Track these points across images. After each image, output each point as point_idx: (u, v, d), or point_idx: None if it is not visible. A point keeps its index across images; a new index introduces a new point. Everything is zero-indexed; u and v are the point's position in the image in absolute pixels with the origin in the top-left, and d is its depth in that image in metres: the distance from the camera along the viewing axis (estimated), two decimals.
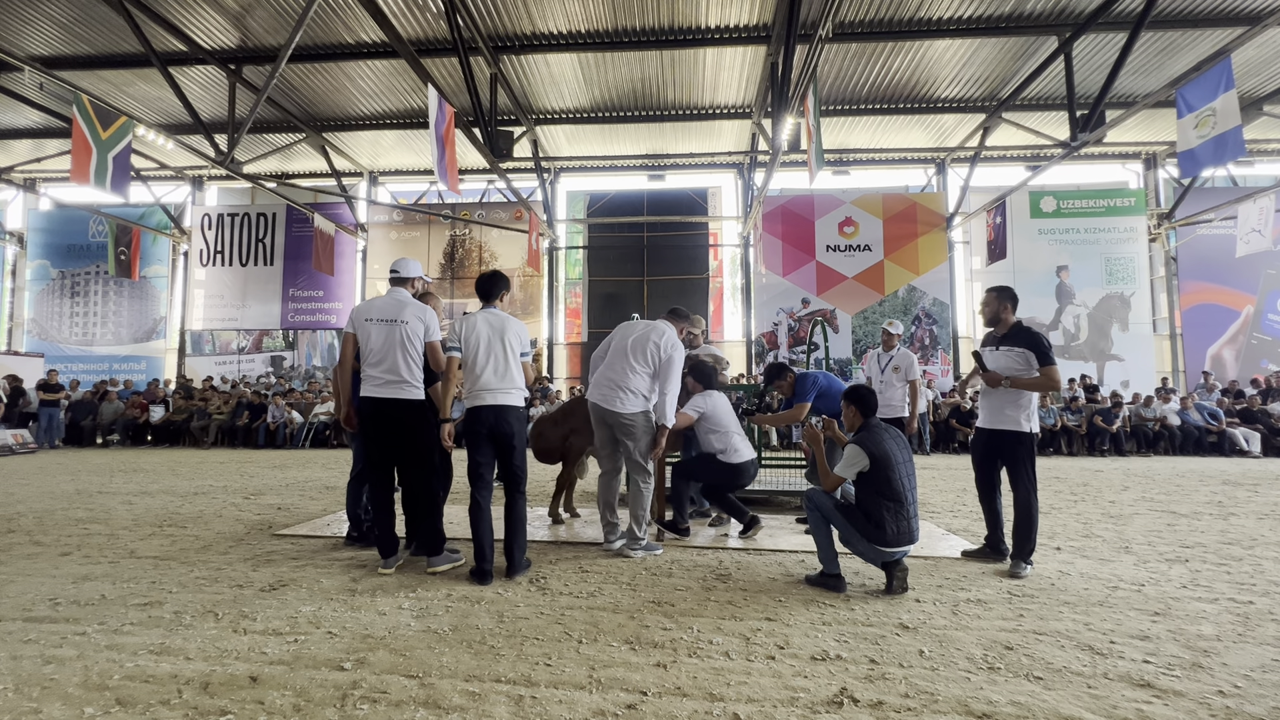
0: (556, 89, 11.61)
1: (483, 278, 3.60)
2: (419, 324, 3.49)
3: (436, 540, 3.51)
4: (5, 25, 9.53)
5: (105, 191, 7.83)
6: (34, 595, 3.05)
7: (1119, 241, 13.79)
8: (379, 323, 3.48)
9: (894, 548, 3.09)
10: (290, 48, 7.84)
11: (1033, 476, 3.60)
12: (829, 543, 3.23)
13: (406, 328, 3.45)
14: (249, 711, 1.94)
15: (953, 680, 2.18)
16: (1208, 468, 9.13)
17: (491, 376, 3.41)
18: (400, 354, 3.43)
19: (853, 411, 3.37)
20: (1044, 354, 3.58)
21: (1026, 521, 3.53)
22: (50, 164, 14.30)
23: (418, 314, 3.51)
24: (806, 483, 6.12)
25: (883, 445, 3.16)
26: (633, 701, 2.01)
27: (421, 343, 3.50)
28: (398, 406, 3.44)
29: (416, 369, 3.47)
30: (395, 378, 3.42)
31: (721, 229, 15.74)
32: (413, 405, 3.47)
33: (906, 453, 3.23)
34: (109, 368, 15.45)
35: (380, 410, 3.44)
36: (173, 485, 6.95)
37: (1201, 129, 7.22)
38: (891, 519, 3.08)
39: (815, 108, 7.93)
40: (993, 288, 3.86)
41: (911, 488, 3.16)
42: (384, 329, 3.46)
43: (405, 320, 3.47)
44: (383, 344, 3.45)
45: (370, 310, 3.54)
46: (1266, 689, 2.12)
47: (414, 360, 3.46)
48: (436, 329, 3.56)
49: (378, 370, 3.44)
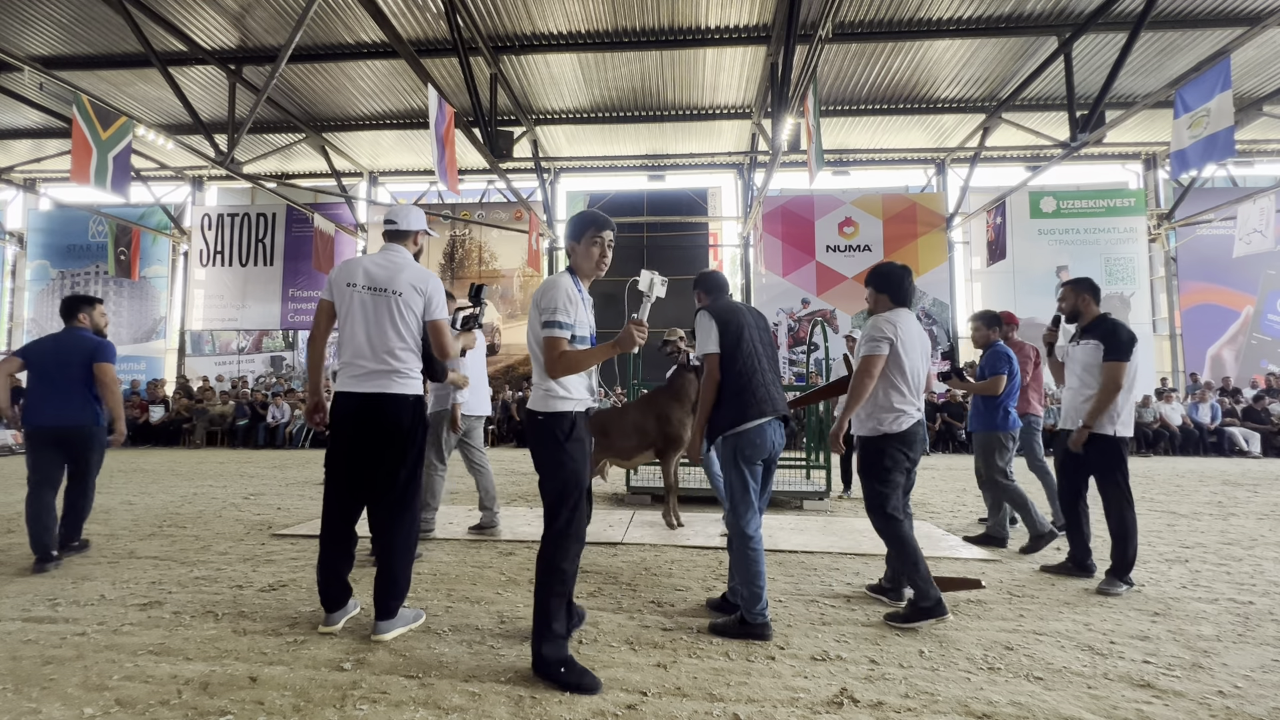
0: (556, 89, 11.61)
1: None
2: (416, 296, 2.67)
3: (401, 594, 2.60)
4: (5, 25, 9.52)
5: (105, 191, 7.83)
6: (34, 595, 3.05)
7: (1119, 242, 13.79)
8: (365, 291, 2.65)
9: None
10: (290, 48, 7.84)
11: (1126, 486, 3.26)
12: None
13: (400, 300, 2.64)
14: (249, 711, 1.94)
15: (953, 680, 2.18)
16: (1208, 468, 9.13)
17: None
18: (392, 334, 2.62)
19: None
20: (1113, 347, 3.25)
21: (1123, 536, 3.22)
22: (50, 164, 14.30)
23: (416, 282, 2.68)
24: (806, 482, 6.12)
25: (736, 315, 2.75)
26: (633, 702, 2.01)
27: (419, 321, 2.69)
28: (387, 405, 2.59)
29: (410, 355, 2.66)
30: (383, 366, 2.60)
31: (721, 229, 15.74)
32: (406, 403, 2.63)
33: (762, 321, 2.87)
34: None
35: (363, 409, 2.60)
36: (173, 485, 6.95)
37: (1195, 129, 7.24)
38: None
39: (815, 108, 7.93)
40: (1069, 280, 3.59)
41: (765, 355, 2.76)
42: (371, 300, 2.64)
43: (399, 290, 2.64)
44: (365, 320, 2.63)
45: (354, 273, 2.67)
46: (1266, 689, 2.12)
47: (407, 344, 2.65)
48: (443, 304, 2.74)
49: (361, 355, 2.61)
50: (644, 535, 4.37)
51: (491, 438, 12.88)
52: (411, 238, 2.86)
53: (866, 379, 2.87)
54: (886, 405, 2.89)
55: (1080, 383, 3.42)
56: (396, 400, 2.61)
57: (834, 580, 3.38)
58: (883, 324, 2.91)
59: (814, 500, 5.65)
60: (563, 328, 2.19)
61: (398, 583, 2.56)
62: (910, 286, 3.00)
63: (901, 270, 3.00)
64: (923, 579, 2.71)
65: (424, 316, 2.70)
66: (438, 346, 2.75)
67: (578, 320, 2.24)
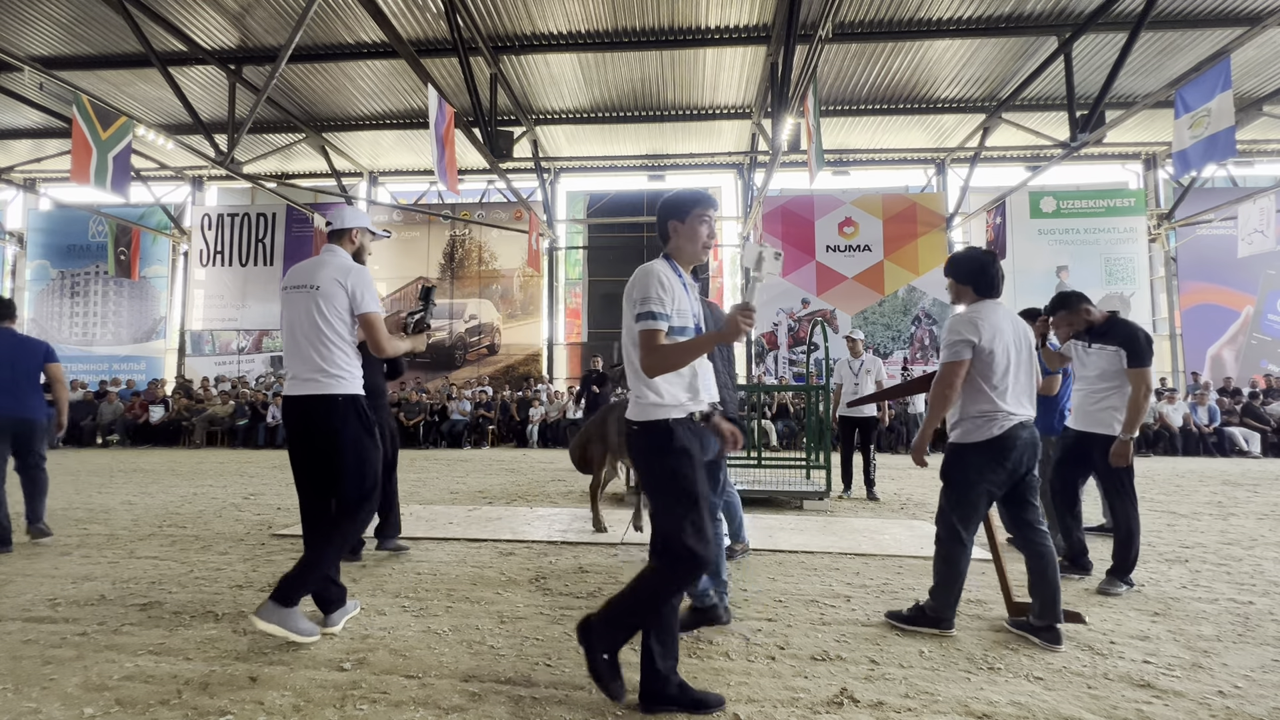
0: (556, 89, 11.61)
1: None
2: (338, 289, 2.57)
3: (305, 586, 2.49)
4: (5, 25, 9.53)
5: (105, 191, 7.83)
6: (34, 595, 3.05)
7: (1119, 242, 13.79)
8: (293, 291, 2.63)
9: None
10: (290, 48, 7.84)
11: (1131, 487, 3.24)
12: None
13: (318, 294, 2.56)
14: (249, 711, 1.94)
15: (953, 680, 2.18)
16: (1208, 468, 9.13)
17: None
18: (314, 332, 2.56)
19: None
20: (1136, 353, 3.18)
21: (1127, 537, 3.20)
22: (50, 164, 14.29)
23: (337, 276, 2.59)
24: (806, 482, 6.12)
25: None
26: (633, 702, 2.01)
27: (345, 316, 2.60)
28: (314, 407, 2.54)
29: (338, 352, 2.57)
30: (310, 366, 2.55)
31: (721, 229, 15.75)
32: (335, 403, 2.54)
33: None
34: (109, 368, 15.45)
35: (293, 413, 2.59)
36: (173, 485, 6.95)
37: (1196, 129, 7.24)
38: None
39: (815, 108, 7.93)
40: (1056, 312, 3.47)
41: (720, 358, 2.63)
42: (295, 299, 2.61)
43: (317, 285, 2.58)
44: (293, 321, 2.61)
45: (289, 275, 2.71)
46: (1266, 689, 2.12)
47: (332, 341, 2.56)
48: (370, 297, 2.63)
49: (291, 357, 2.61)
50: (644, 535, 4.37)
51: (492, 438, 12.88)
52: (348, 236, 2.82)
53: (946, 390, 2.56)
54: (973, 413, 2.57)
55: (1093, 386, 3.40)
56: (324, 401, 2.54)
57: (834, 580, 3.37)
58: (962, 325, 2.57)
59: (814, 500, 5.65)
60: (657, 318, 1.90)
61: (307, 572, 2.45)
62: (998, 274, 2.67)
63: (985, 256, 2.71)
64: (947, 604, 2.59)
65: (357, 309, 2.62)
66: (371, 343, 2.66)
67: (676, 309, 1.96)
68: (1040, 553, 2.58)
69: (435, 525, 4.67)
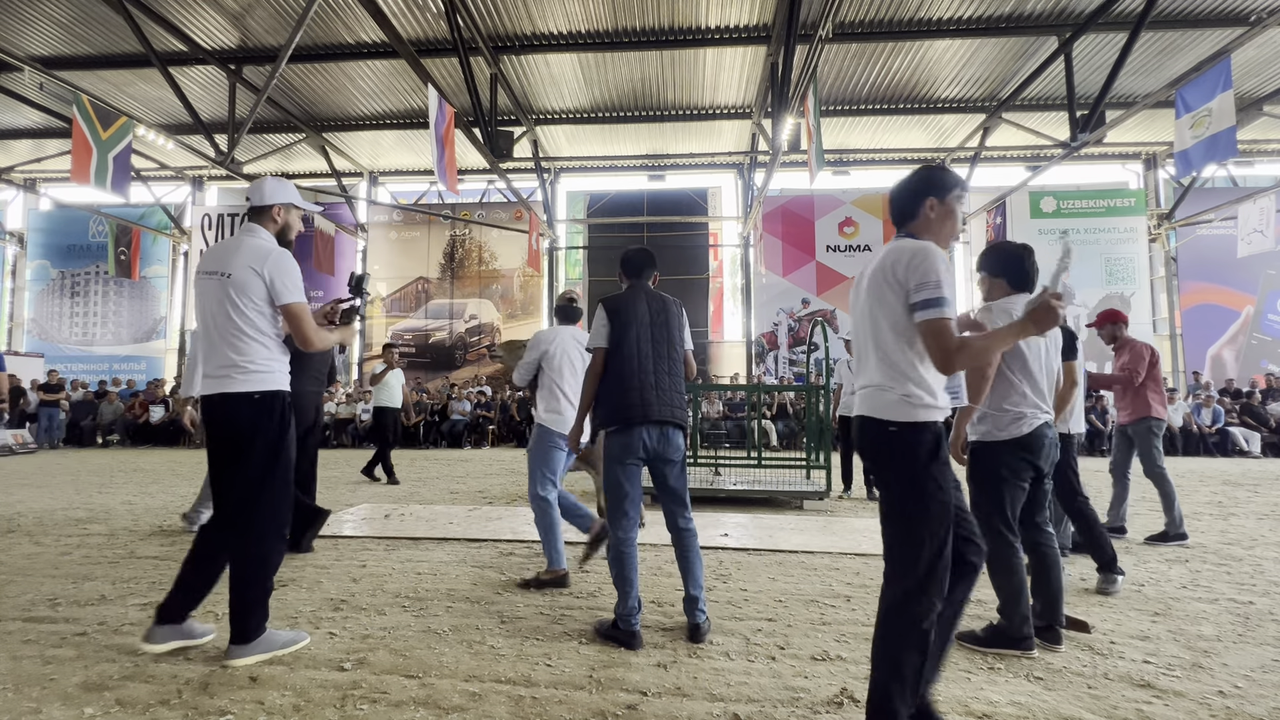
0: (556, 89, 11.61)
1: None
2: (253, 278, 2.26)
3: (255, 611, 2.27)
4: (5, 25, 9.53)
5: (105, 191, 7.83)
6: (34, 595, 3.05)
7: (1119, 242, 13.79)
8: (204, 277, 2.33)
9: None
10: (290, 48, 7.84)
11: (1071, 481, 3.33)
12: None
13: (229, 283, 2.26)
14: (249, 711, 1.94)
15: (953, 680, 2.18)
16: (1208, 468, 9.13)
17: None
18: (226, 324, 2.27)
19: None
20: (1071, 346, 3.23)
21: (1088, 529, 3.31)
22: (50, 164, 14.30)
23: (252, 262, 2.28)
24: (806, 482, 6.12)
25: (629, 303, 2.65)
26: (633, 702, 2.01)
27: (264, 307, 2.30)
28: (223, 406, 2.29)
29: (255, 345, 2.29)
30: (221, 360, 2.28)
31: (721, 229, 15.75)
32: (246, 402, 2.28)
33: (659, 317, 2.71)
34: (109, 368, 15.45)
35: (205, 412, 2.34)
36: (173, 485, 6.95)
37: (1197, 129, 7.25)
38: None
39: (815, 108, 7.93)
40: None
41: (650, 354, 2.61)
42: (206, 286, 2.32)
43: (228, 272, 2.27)
44: (205, 311, 2.33)
45: (204, 257, 2.39)
46: (1266, 689, 2.12)
47: (247, 334, 2.27)
48: (291, 286, 2.31)
49: (204, 350, 2.34)
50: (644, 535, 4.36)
51: (492, 438, 12.88)
52: (270, 214, 2.43)
53: (980, 380, 2.43)
54: (1003, 408, 2.48)
55: None
56: (233, 400, 2.27)
57: (834, 580, 3.37)
58: (998, 315, 2.48)
59: (814, 500, 5.65)
60: (946, 305, 1.64)
61: (244, 600, 2.25)
62: (1033, 267, 2.55)
63: (1020, 249, 2.58)
64: (1021, 616, 2.39)
65: (277, 299, 2.31)
66: (296, 336, 2.36)
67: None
68: (1044, 554, 2.56)
69: (435, 525, 4.67)
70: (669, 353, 2.64)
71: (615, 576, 2.53)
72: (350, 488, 6.83)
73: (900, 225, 1.84)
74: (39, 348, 15.62)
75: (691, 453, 6.93)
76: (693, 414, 7.10)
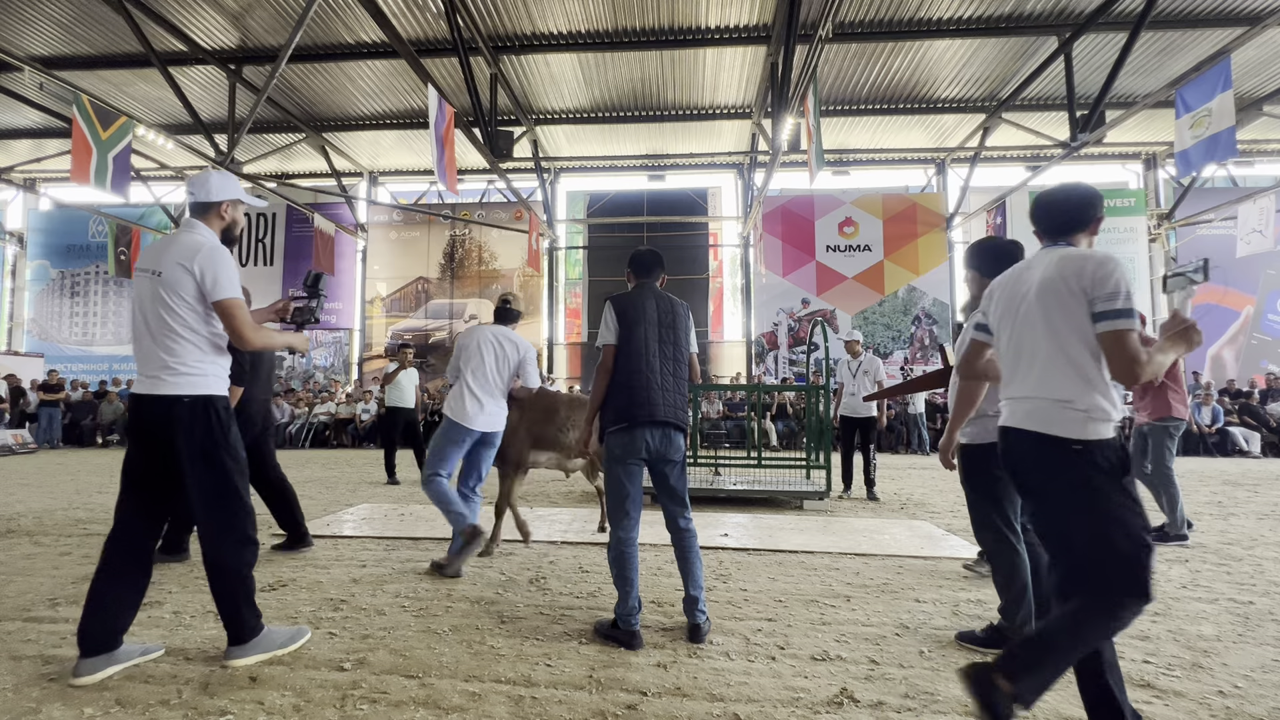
0: (556, 89, 11.61)
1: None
2: (183, 275, 2.16)
3: (244, 614, 2.27)
4: (5, 25, 9.53)
5: (105, 191, 7.83)
6: (34, 595, 3.05)
7: (1119, 241, 13.80)
8: (139, 275, 2.25)
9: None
10: (290, 48, 7.84)
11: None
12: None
13: (160, 281, 2.18)
14: (249, 711, 1.94)
15: (953, 680, 2.17)
16: (1208, 468, 9.13)
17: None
18: (158, 323, 2.19)
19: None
20: None
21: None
22: (50, 164, 14.29)
23: (182, 259, 2.17)
24: (806, 482, 6.12)
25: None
26: (633, 701, 2.01)
27: (196, 306, 2.20)
28: (153, 408, 2.19)
29: (188, 346, 2.20)
30: (154, 361, 2.19)
31: (721, 229, 15.75)
32: (179, 406, 2.18)
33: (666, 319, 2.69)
34: (109, 368, 15.45)
35: (134, 413, 2.25)
36: None
37: (1197, 129, 7.25)
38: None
39: (815, 108, 7.93)
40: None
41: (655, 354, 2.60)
42: (142, 286, 2.24)
43: (159, 270, 2.19)
44: (138, 310, 2.24)
45: (142, 254, 2.31)
46: (1266, 689, 2.12)
47: (180, 335, 2.19)
48: (225, 280, 2.20)
49: (137, 350, 2.26)
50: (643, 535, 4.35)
51: None
52: (216, 211, 2.33)
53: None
54: (993, 409, 2.38)
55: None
56: (164, 403, 2.17)
57: (834, 580, 3.37)
58: None
59: (814, 500, 5.65)
60: (1134, 316, 1.65)
61: (233, 602, 2.24)
62: None
63: (1010, 246, 2.52)
64: (1022, 617, 2.39)
65: (210, 295, 2.20)
66: (230, 333, 2.24)
67: None
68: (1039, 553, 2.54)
69: (436, 525, 4.66)
70: (675, 353, 2.65)
71: (615, 576, 2.54)
72: (350, 488, 6.84)
73: (1061, 234, 1.88)
74: (39, 348, 15.62)
75: (691, 453, 6.93)
76: (693, 414, 7.10)
